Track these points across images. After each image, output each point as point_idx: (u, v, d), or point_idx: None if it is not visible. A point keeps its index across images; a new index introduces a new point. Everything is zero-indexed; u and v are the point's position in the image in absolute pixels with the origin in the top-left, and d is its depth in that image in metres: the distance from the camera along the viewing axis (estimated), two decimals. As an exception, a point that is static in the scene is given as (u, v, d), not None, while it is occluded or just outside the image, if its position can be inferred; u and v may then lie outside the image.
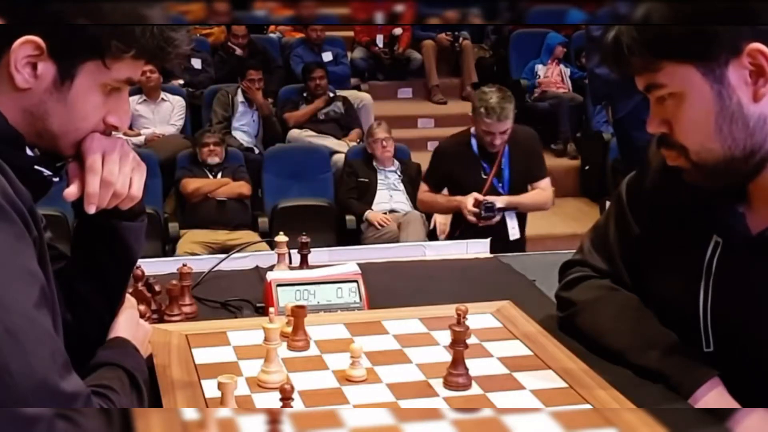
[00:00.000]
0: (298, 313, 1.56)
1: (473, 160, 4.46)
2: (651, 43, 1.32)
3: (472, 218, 4.27)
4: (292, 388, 1.31)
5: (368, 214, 6.03)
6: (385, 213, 6.04)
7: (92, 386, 1.23)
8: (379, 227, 5.95)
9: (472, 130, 4.51)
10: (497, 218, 4.30)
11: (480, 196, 4.29)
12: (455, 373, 1.44)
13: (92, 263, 1.44)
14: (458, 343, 1.43)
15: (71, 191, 1.33)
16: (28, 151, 1.27)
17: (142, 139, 6.75)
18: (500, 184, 4.47)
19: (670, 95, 1.35)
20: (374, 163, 6.25)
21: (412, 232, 5.87)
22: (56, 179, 1.31)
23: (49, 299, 1.20)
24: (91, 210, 1.33)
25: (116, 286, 1.47)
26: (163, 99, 7.00)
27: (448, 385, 1.43)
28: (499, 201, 4.33)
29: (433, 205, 4.66)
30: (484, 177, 4.45)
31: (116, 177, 1.33)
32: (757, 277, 1.38)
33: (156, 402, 1.36)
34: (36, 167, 1.28)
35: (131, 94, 7.62)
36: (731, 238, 1.41)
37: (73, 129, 1.29)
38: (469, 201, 4.28)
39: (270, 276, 1.80)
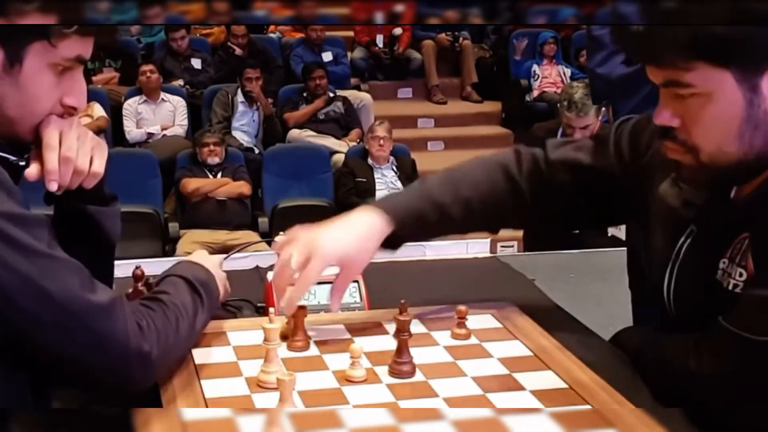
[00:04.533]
0: (297, 314, 1.56)
1: None
2: (692, 42, 1.26)
3: None
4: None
5: None
6: None
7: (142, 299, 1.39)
8: None
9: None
10: None
11: None
12: (400, 362, 1.45)
13: (71, 253, 1.45)
14: (402, 332, 1.46)
15: (31, 171, 1.33)
16: None
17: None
18: None
19: (693, 95, 1.31)
20: (369, 161, 6.25)
21: None
22: (22, 163, 1.32)
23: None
24: (53, 187, 1.34)
25: (99, 273, 1.47)
26: (163, 99, 7.01)
27: (393, 373, 1.45)
28: None
29: None
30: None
31: (75, 153, 1.34)
32: (711, 269, 1.41)
33: (156, 402, 1.36)
34: (1, 154, 1.28)
35: (131, 95, 7.64)
36: (704, 231, 1.43)
37: (29, 112, 1.30)
38: None
39: (270, 276, 1.80)
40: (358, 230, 1.61)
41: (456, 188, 1.67)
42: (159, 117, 7.00)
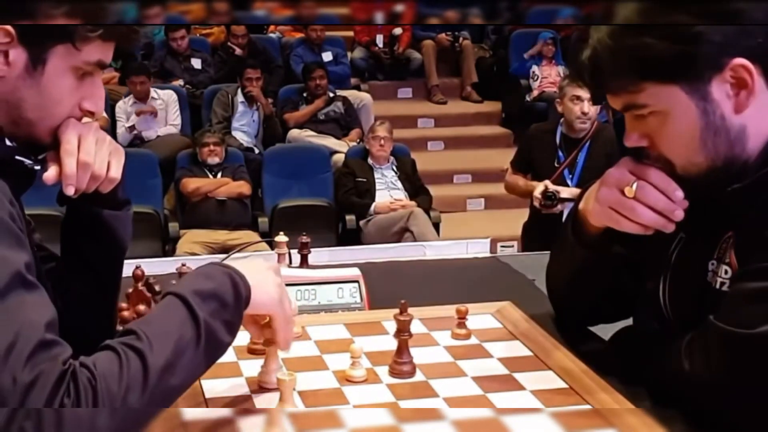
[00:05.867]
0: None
1: (552, 148, 4.57)
2: (635, 64, 1.31)
3: (536, 204, 4.37)
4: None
5: (376, 205, 6.04)
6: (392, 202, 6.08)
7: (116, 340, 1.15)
8: (392, 211, 5.98)
9: (562, 119, 4.59)
10: (559, 208, 4.35)
11: (550, 185, 4.35)
12: (400, 362, 1.46)
13: (82, 256, 1.45)
14: (402, 332, 1.46)
15: (49, 174, 1.32)
16: (7, 142, 1.28)
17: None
18: (570, 176, 4.53)
19: (651, 113, 1.35)
20: (369, 161, 6.26)
21: (420, 225, 5.89)
22: (37, 167, 1.32)
23: (28, 283, 1.14)
24: (70, 191, 1.33)
25: (109, 277, 1.47)
26: (153, 98, 6.97)
27: (393, 373, 1.45)
28: (565, 191, 4.37)
29: (514, 187, 4.73)
30: (557, 166, 4.53)
31: (93, 158, 1.34)
32: (701, 272, 1.42)
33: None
34: (17, 157, 1.28)
35: (129, 95, 7.51)
36: (692, 236, 1.45)
37: (48, 115, 1.30)
38: (539, 188, 4.37)
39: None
40: None
41: None
42: (151, 117, 6.95)
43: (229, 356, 1.52)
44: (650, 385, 1.43)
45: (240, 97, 7.02)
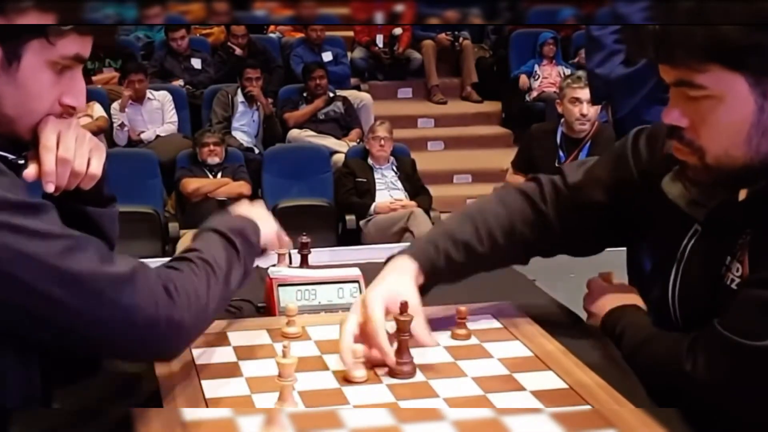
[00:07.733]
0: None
1: (553, 148, 4.58)
2: (709, 42, 1.28)
3: None
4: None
5: (376, 206, 6.03)
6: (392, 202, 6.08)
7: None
8: (392, 211, 5.97)
9: (563, 119, 4.60)
10: None
11: None
12: (400, 362, 1.45)
13: None
14: (403, 332, 1.45)
15: (29, 172, 1.32)
16: None
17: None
18: None
19: (704, 96, 1.32)
20: (369, 161, 6.26)
21: (421, 225, 5.88)
22: (21, 162, 1.31)
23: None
24: (50, 188, 1.33)
25: None
26: (149, 98, 6.96)
27: (393, 373, 1.45)
28: None
29: None
30: (558, 166, 4.53)
31: (72, 154, 1.33)
32: (716, 265, 1.41)
33: (156, 402, 1.36)
34: None
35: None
36: (710, 230, 1.43)
37: (28, 111, 1.30)
38: None
39: (272, 275, 1.80)
40: (392, 270, 1.59)
41: (476, 225, 1.65)
42: (148, 116, 6.93)
43: (229, 356, 1.53)
44: (647, 382, 1.43)
45: (240, 97, 7.02)
